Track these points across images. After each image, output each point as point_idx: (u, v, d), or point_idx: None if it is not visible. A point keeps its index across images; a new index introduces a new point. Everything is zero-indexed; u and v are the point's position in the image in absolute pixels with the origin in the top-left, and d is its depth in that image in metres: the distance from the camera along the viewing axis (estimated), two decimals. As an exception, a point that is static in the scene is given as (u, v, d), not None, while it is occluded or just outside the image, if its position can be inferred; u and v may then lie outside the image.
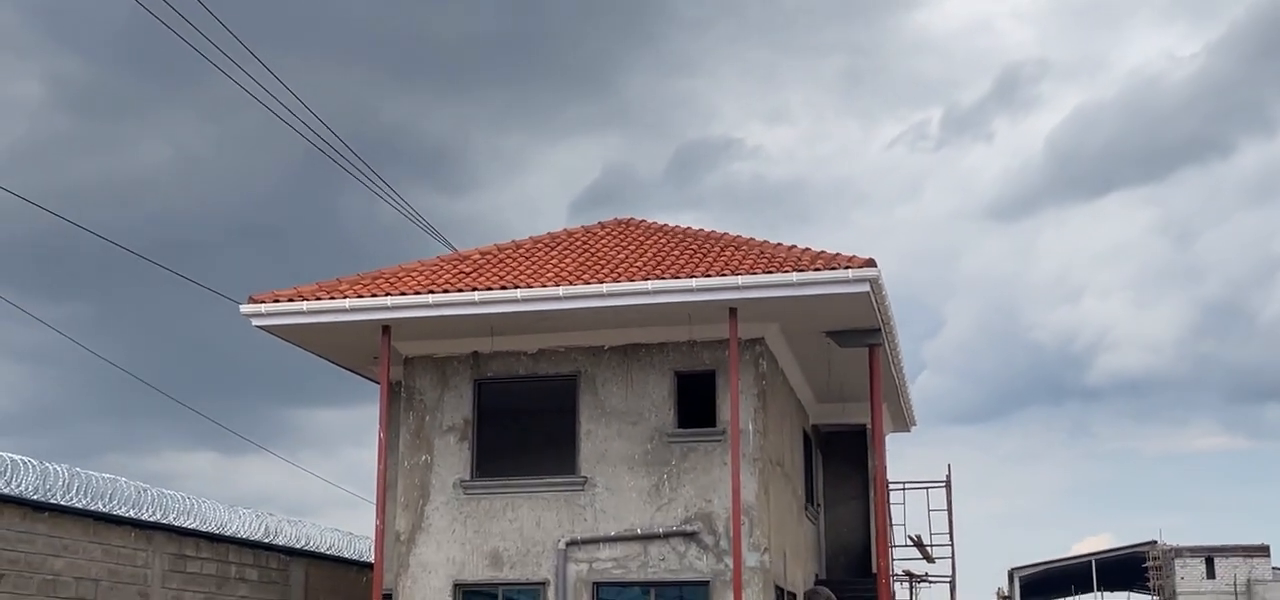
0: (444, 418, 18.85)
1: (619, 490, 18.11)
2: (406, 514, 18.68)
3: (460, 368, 18.94)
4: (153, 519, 16.90)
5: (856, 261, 16.76)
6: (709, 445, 17.93)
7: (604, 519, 18.07)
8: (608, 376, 18.47)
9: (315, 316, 17.96)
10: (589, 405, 18.45)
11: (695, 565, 17.72)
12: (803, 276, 16.70)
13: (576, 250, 19.13)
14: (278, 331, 18.41)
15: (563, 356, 18.68)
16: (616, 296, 17.13)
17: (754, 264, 17.19)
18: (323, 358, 20.04)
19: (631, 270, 17.61)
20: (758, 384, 17.99)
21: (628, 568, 17.90)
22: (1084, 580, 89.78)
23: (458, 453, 18.70)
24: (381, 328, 18.05)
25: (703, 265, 17.43)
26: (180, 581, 17.48)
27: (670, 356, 18.36)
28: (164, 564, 17.12)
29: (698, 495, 17.89)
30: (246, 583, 19.20)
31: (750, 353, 18.04)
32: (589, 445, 18.33)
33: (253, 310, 18.00)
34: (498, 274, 18.12)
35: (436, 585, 18.34)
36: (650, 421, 18.23)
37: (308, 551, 21.10)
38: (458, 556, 18.38)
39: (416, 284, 18.00)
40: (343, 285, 18.27)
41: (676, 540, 17.83)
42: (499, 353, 18.85)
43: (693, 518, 17.83)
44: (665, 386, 18.29)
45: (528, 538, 18.23)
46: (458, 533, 18.45)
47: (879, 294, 17.14)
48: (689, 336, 18.19)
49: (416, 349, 19.02)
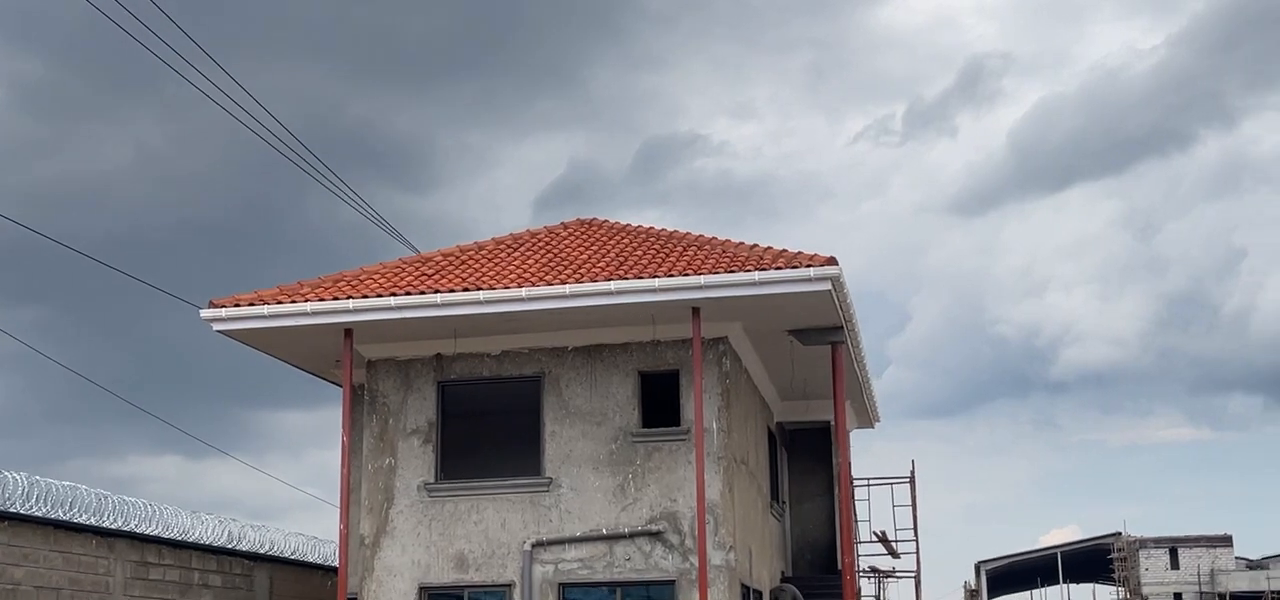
0: (408, 420, 18.79)
1: (584, 491, 18.11)
2: (371, 518, 18.61)
3: (423, 370, 18.89)
4: (114, 526, 16.77)
5: (818, 260, 16.82)
6: (673, 444, 17.95)
7: (569, 520, 18.06)
8: (572, 377, 18.46)
9: (276, 320, 17.86)
10: (553, 406, 18.43)
11: (661, 564, 17.74)
12: (765, 276, 16.74)
13: (539, 251, 19.11)
14: (239, 336, 18.30)
15: (526, 357, 18.66)
16: (580, 297, 17.12)
17: (716, 264, 17.22)
18: (285, 362, 19.95)
19: (594, 271, 17.61)
20: (721, 383, 18.02)
21: (593, 568, 17.90)
22: (1050, 572, 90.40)
23: (422, 455, 18.65)
24: (343, 331, 17.97)
25: (665, 265, 17.44)
26: (142, 588, 17.34)
27: (634, 356, 18.37)
28: (126, 571, 16.99)
29: (663, 495, 17.91)
30: (210, 589, 19.07)
31: (714, 352, 18.07)
32: (553, 446, 18.32)
33: (213, 315, 17.89)
34: (460, 276, 18.07)
35: (402, 588, 18.29)
36: (614, 421, 18.23)
37: (272, 556, 20.98)
38: (422, 559, 18.33)
39: (378, 287, 17.93)
40: (304, 289, 18.18)
41: (642, 540, 17.84)
42: (462, 355, 18.81)
43: (658, 517, 17.84)
44: (629, 386, 18.30)
45: (493, 540, 18.20)
46: (422, 536, 18.39)
47: (840, 292, 17.20)
48: (653, 336, 18.21)
49: (379, 352, 18.95)
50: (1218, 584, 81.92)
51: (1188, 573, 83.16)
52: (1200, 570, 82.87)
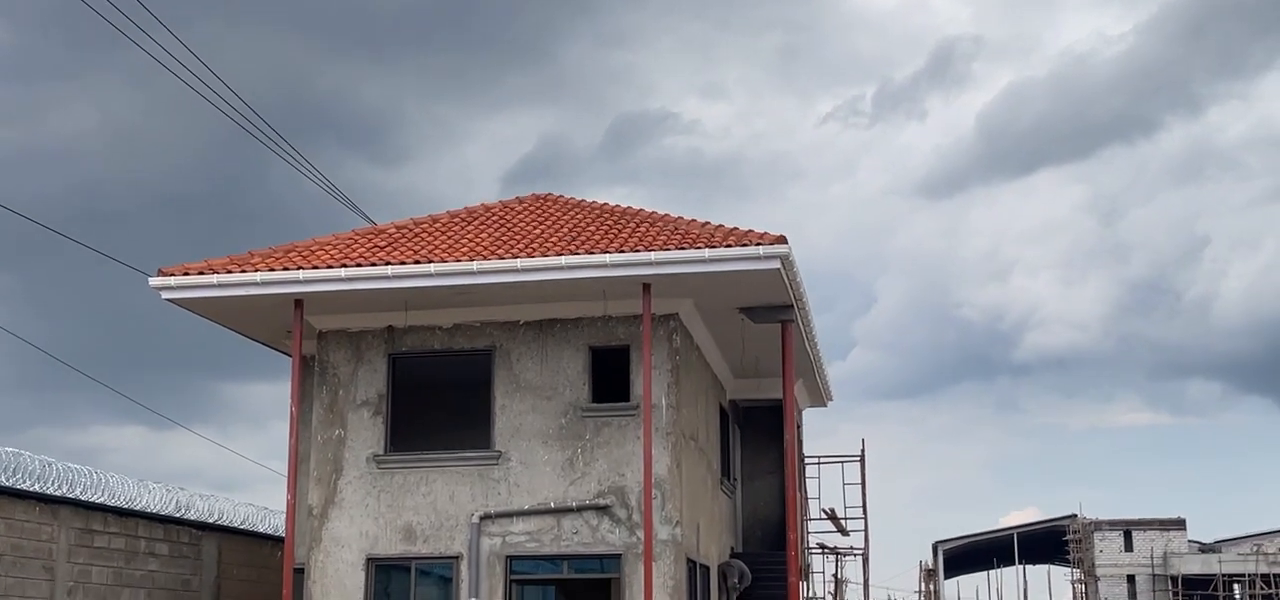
0: (358, 392, 18.79)
1: (533, 464, 18.16)
2: (319, 488, 18.61)
3: (375, 342, 18.89)
4: (58, 493, 16.70)
5: (768, 238, 16.91)
6: (623, 420, 18.03)
7: (518, 493, 18.13)
8: (523, 351, 18.50)
9: (226, 290, 17.81)
10: (504, 380, 18.47)
11: (608, 538, 17.83)
12: (715, 253, 16.82)
13: (493, 225, 19.12)
14: (189, 305, 18.24)
15: (478, 331, 18.68)
16: (531, 272, 17.15)
17: (667, 240, 17.29)
18: (238, 332, 19.90)
19: (547, 246, 17.63)
20: (671, 359, 18.10)
21: (541, 541, 17.97)
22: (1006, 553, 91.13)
23: (371, 427, 18.66)
24: (294, 301, 17.94)
25: (617, 241, 17.50)
26: (87, 555, 17.28)
27: (585, 331, 18.43)
28: (70, 538, 16.92)
29: (611, 469, 17.99)
30: (156, 557, 19.02)
31: (664, 328, 18.15)
32: (504, 420, 18.37)
33: (162, 283, 17.82)
34: (412, 248, 18.07)
35: (349, 560, 18.31)
36: (565, 396, 18.29)
37: (221, 526, 20.94)
38: (371, 531, 18.35)
39: (329, 258, 17.90)
40: (255, 258, 18.13)
41: (590, 514, 17.93)
42: (414, 327, 18.82)
43: (606, 491, 17.93)
44: (580, 361, 18.36)
45: (441, 512, 18.24)
46: (371, 507, 18.41)
47: (790, 270, 17.29)
48: (604, 312, 18.27)
49: (331, 323, 18.93)
50: (1170, 566, 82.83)
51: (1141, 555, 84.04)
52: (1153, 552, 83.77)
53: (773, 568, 22.52)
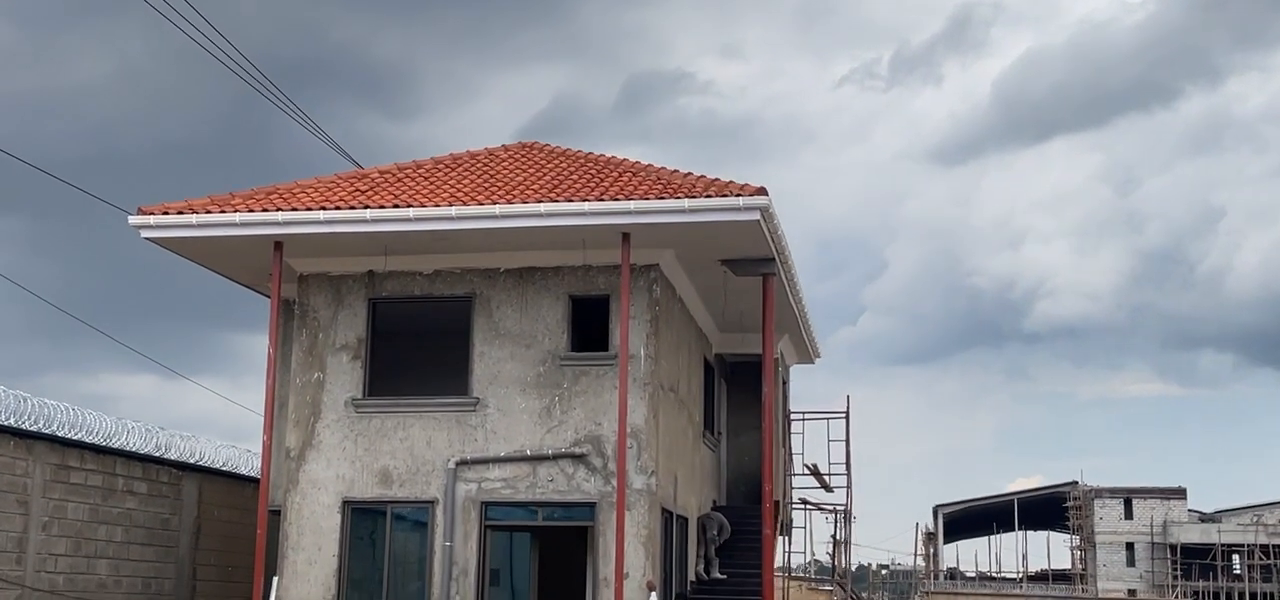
0: (337, 336, 18.79)
1: (510, 412, 18.17)
2: (297, 431, 18.64)
3: (355, 286, 18.87)
4: (33, 429, 16.74)
5: (748, 190, 16.83)
6: (601, 369, 18.01)
7: (495, 440, 18.14)
8: (502, 299, 18.48)
9: (206, 230, 17.80)
10: (483, 327, 18.46)
11: (582, 487, 17.85)
12: (694, 203, 16.76)
13: (476, 172, 19.06)
14: (168, 244, 18.23)
15: (458, 278, 18.65)
16: (510, 218, 17.11)
17: (647, 190, 17.22)
18: (220, 274, 19.88)
19: (527, 193, 17.57)
20: (651, 310, 18.07)
21: (516, 488, 18.00)
22: (1006, 518, 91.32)
23: (350, 371, 18.67)
24: (273, 243, 17.92)
25: (597, 190, 17.43)
26: (63, 491, 17.32)
27: (565, 280, 18.39)
28: (45, 473, 16.96)
29: (588, 418, 17.99)
30: (134, 495, 19.05)
31: (644, 279, 18.11)
32: (482, 367, 18.36)
33: (141, 222, 17.80)
34: (393, 193, 18.02)
35: (325, 502, 18.36)
36: (544, 345, 18.28)
37: (202, 467, 20.99)
38: (347, 474, 18.39)
39: (310, 200, 17.86)
40: (236, 199, 18.10)
41: (565, 462, 17.94)
42: (394, 272, 18.79)
43: (582, 440, 17.93)
44: (559, 310, 18.33)
45: (418, 457, 18.27)
46: (348, 450, 18.45)
47: (771, 223, 17.22)
48: (584, 261, 18.22)
49: (311, 266, 18.91)
50: (1170, 535, 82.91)
51: (1141, 523, 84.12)
52: (1153, 521, 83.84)
53: (754, 521, 22.53)
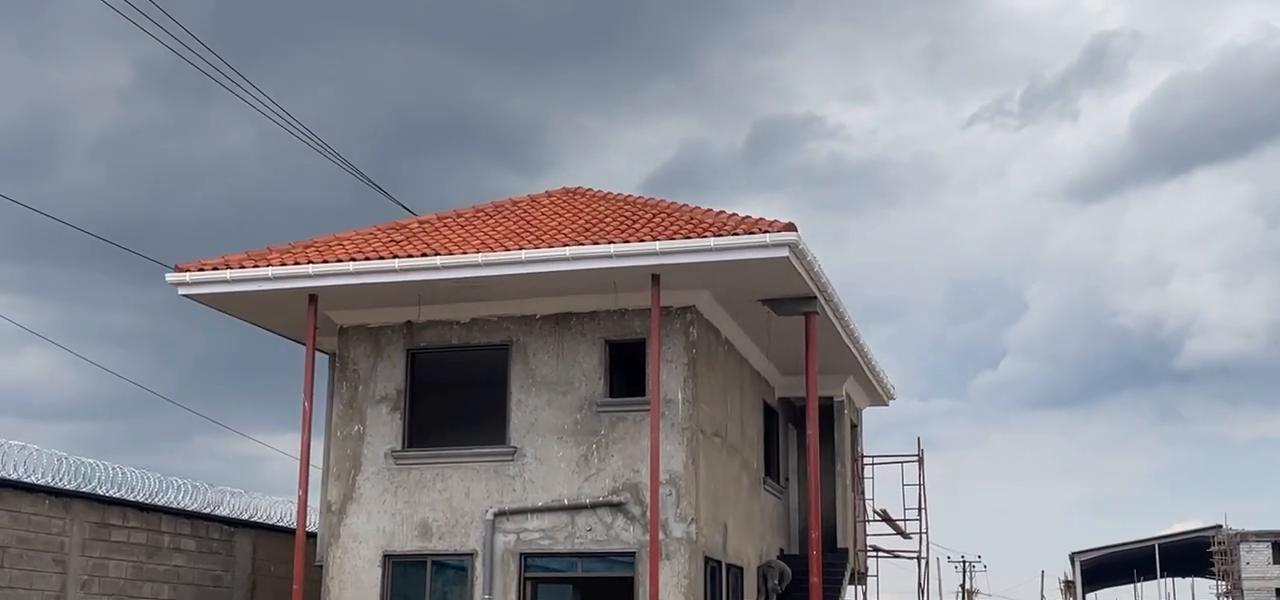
0: (377, 388, 18.69)
1: (548, 460, 17.85)
2: (338, 484, 18.56)
3: (394, 337, 18.78)
4: (70, 487, 16.90)
5: (776, 226, 16.33)
6: (638, 415, 17.59)
7: (532, 489, 17.82)
8: (539, 346, 18.20)
9: (240, 285, 17.87)
10: (520, 374, 18.19)
11: (621, 536, 17.42)
12: (720, 241, 16.32)
13: (515, 219, 18.88)
14: (206, 300, 18.32)
15: (495, 325, 18.44)
16: (535, 263, 16.85)
17: (675, 230, 16.82)
18: (262, 327, 19.95)
19: (558, 237, 17.30)
20: (687, 352, 17.61)
21: (555, 539, 17.64)
22: (1148, 565, 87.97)
23: (390, 423, 18.55)
24: (308, 296, 17.92)
25: (625, 231, 17.09)
26: (104, 549, 17.44)
27: (601, 325, 18.06)
28: (84, 531, 17.10)
29: (626, 465, 17.57)
30: (182, 552, 19.14)
31: (681, 321, 17.67)
32: (519, 415, 18.09)
33: (178, 279, 17.94)
34: (426, 241, 17.90)
35: (366, 556, 18.21)
36: (580, 391, 17.94)
37: (256, 523, 21.04)
38: (387, 527, 18.23)
39: (344, 251, 17.83)
40: (271, 253, 18.15)
41: (604, 511, 17.54)
42: (432, 322, 18.66)
43: (620, 488, 17.52)
44: (596, 355, 17.99)
45: (457, 508, 18.03)
46: (388, 503, 18.30)
47: (803, 259, 16.68)
48: (620, 305, 17.86)
49: (351, 318, 18.88)
50: (1322, 580, 79.03)
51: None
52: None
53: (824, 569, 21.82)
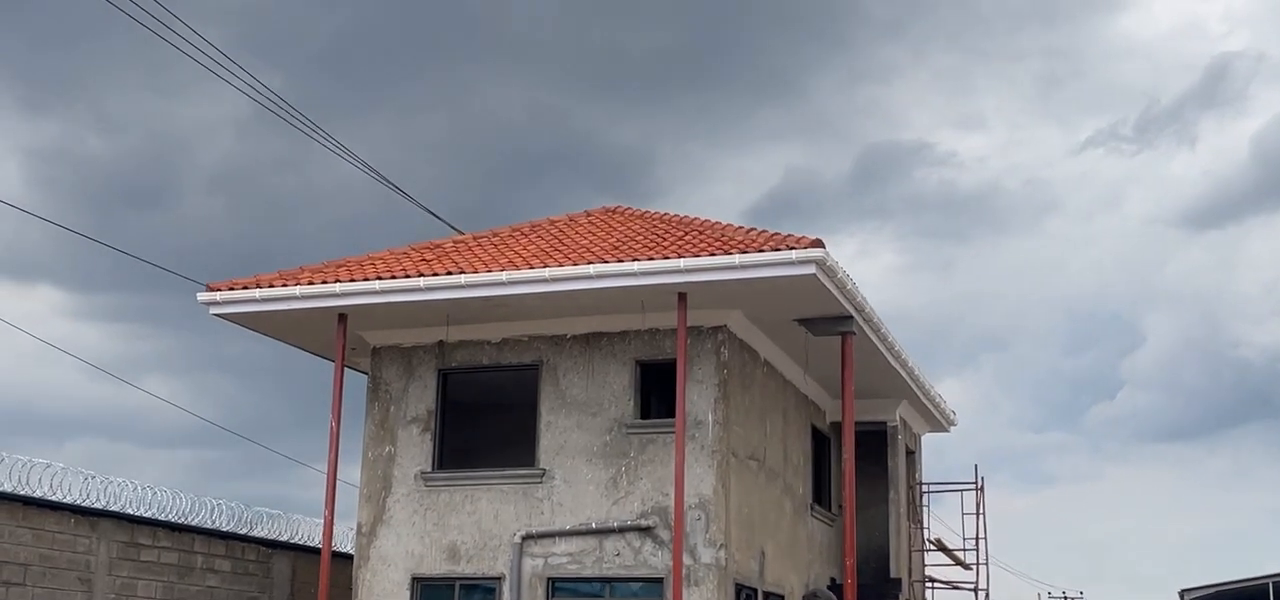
0: (408, 408, 18.53)
1: (576, 483, 17.51)
2: (369, 506, 18.41)
3: (425, 357, 18.61)
4: (98, 506, 16.93)
5: (803, 242, 15.87)
6: (668, 437, 17.16)
7: (561, 512, 17.49)
8: (569, 366, 17.90)
9: (270, 304, 17.82)
10: (550, 395, 17.90)
11: (650, 561, 17.01)
12: (745, 258, 15.89)
13: (550, 237, 18.63)
14: (237, 319, 18.31)
15: (525, 346, 18.18)
16: (560, 281, 16.57)
17: (701, 247, 16.43)
18: (301, 349, 19.90)
19: (587, 255, 17.00)
20: (719, 373, 17.18)
21: (583, 563, 17.28)
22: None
23: (420, 444, 18.36)
24: (337, 316, 17.82)
25: (653, 249, 16.73)
26: (132, 569, 17.45)
27: (631, 345, 17.70)
28: (111, 551, 17.12)
29: (655, 489, 17.17)
30: (216, 573, 19.11)
31: (712, 341, 17.25)
32: (549, 437, 17.79)
33: (210, 298, 17.97)
34: (457, 260, 17.72)
35: (395, 578, 18.02)
36: (610, 412, 17.59)
37: (295, 544, 20.97)
38: (416, 549, 18.03)
39: (375, 271, 17.71)
40: (303, 273, 18.10)
41: (632, 535, 17.15)
42: (464, 342, 18.46)
43: (649, 512, 17.12)
44: (626, 376, 17.64)
45: (485, 531, 17.77)
46: (417, 525, 18.09)
47: (833, 277, 16.18)
48: (649, 324, 17.49)
49: (383, 339, 18.76)
50: None
51: None
52: None
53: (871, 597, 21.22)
